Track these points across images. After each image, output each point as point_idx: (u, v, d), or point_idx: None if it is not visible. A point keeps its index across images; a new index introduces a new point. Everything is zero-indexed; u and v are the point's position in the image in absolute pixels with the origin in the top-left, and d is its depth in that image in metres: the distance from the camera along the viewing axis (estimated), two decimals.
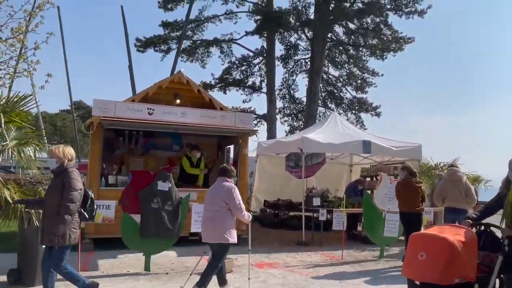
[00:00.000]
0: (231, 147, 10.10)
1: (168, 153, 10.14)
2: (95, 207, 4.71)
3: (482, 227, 3.93)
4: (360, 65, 27.01)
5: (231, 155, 10.22)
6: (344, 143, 9.21)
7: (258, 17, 25.82)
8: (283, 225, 10.81)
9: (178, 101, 8.72)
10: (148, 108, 7.90)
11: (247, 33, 26.52)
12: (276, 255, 7.84)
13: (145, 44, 26.06)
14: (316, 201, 9.06)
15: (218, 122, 8.34)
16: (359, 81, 27.17)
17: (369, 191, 11.04)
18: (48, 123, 52.62)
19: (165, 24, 25.97)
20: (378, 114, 26.33)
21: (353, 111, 27.34)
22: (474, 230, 3.85)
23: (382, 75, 27.08)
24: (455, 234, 3.47)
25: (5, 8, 8.47)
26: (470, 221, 3.86)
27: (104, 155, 9.66)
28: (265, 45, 26.28)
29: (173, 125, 8.02)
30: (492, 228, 3.90)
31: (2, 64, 8.60)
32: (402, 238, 7.85)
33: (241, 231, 8.56)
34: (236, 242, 5.04)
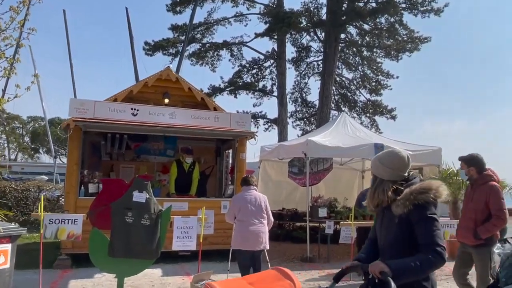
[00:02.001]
0: (230, 152, 9.23)
1: (161, 158, 9.33)
2: None
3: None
4: (374, 67, 25.99)
5: (230, 160, 9.34)
6: (353, 146, 8.22)
7: (269, 18, 25.07)
8: (288, 237, 9.83)
9: (166, 100, 7.87)
10: (132, 109, 7.09)
11: (257, 35, 25.82)
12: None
13: (153, 48, 25.51)
14: (322, 212, 8.08)
15: (212, 124, 7.47)
16: (373, 83, 26.14)
17: None
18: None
19: (174, 28, 25.44)
20: (393, 117, 25.22)
21: (367, 115, 26.29)
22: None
23: (398, 77, 26.06)
24: None
25: None
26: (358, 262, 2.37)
27: (92, 161, 8.94)
28: (276, 47, 25.53)
29: (159, 127, 7.18)
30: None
31: None
32: None
33: None
34: None
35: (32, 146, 69.10)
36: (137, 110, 7.10)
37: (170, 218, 5.62)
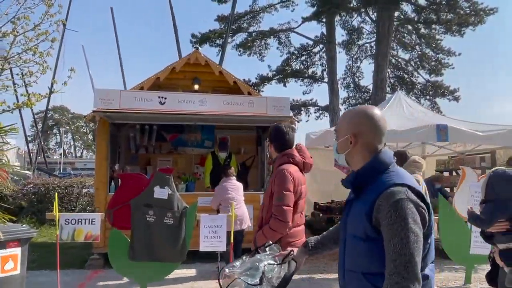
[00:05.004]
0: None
1: (200, 150, 8.75)
2: None
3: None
4: (434, 45, 23.96)
5: None
6: (411, 129, 7.14)
7: (316, 1, 23.89)
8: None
9: (196, 86, 7.25)
10: (159, 97, 6.52)
11: (304, 20, 24.79)
12: (321, 277, 6.08)
13: (201, 40, 25.25)
14: None
15: (246, 110, 6.73)
16: (432, 63, 24.17)
17: (448, 189, 8.86)
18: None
19: (220, 18, 25.05)
20: (456, 99, 23.20)
21: (427, 97, 24.41)
22: None
23: (460, 54, 23.86)
24: None
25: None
26: None
27: (128, 155, 8.59)
28: (324, 31, 24.34)
29: (188, 116, 6.57)
30: None
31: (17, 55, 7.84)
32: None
33: None
34: None
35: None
36: (165, 98, 6.52)
37: (196, 216, 5.00)
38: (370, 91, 23.81)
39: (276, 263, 1.86)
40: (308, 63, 26.76)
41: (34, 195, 9.97)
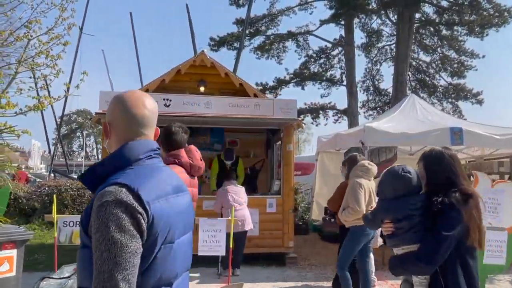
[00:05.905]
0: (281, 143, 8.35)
1: (208, 153, 8.66)
2: None
3: None
4: (456, 47, 23.36)
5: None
6: (422, 132, 6.87)
7: (334, 3, 23.66)
8: None
9: (202, 88, 7.18)
10: (164, 99, 6.47)
11: (322, 22, 24.58)
12: (327, 285, 5.89)
13: (218, 43, 25.31)
14: None
15: (252, 112, 6.62)
16: (455, 65, 23.55)
17: None
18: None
19: (238, 22, 25.06)
20: (479, 102, 22.52)
21: (449, 100, 23.79)
22: None
23: (484, 56, 23.20)
24: None
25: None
26: None
27: None
28: (343, 34, 24.06)
29: (192, 118, 6.50)
30: None
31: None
32: None
33: (287, 248, 6.86)
34: None
35: None
36: (170, 101, 6.47)
37: (195, 220, 4.90)
38: (390, 94, 23.39)
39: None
40: (327, 66, 26.51)
41: (47, 197, 10.09)
